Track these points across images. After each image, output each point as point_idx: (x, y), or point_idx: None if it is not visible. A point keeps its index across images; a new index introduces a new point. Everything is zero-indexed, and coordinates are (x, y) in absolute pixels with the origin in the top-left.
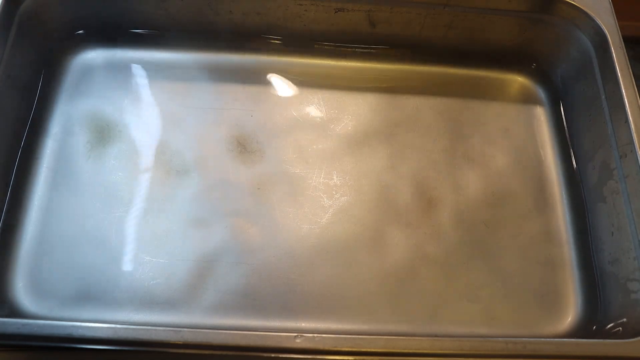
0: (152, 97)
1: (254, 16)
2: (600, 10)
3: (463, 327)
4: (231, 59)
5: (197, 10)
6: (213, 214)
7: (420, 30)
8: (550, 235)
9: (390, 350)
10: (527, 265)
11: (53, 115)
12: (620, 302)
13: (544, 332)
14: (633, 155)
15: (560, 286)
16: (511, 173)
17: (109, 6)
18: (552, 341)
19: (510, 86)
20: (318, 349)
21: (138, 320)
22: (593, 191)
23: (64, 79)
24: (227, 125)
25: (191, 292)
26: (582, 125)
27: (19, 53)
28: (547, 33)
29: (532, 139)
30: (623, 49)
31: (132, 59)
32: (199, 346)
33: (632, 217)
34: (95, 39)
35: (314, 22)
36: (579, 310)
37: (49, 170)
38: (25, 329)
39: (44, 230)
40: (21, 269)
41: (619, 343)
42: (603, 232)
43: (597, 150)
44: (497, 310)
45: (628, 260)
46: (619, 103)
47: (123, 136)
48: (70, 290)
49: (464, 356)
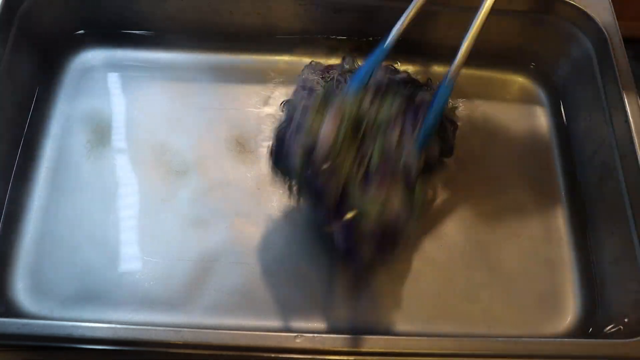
0: (152, 97)
1: (254, 16)
2: (600, 10)
3: (463, 327)
4: (231, 59)
5: (197, 10)
6: (213, 214)
7: (421, 30)
8: (550, 235)
9: (390, 350)
10: (526, 265)
11: (53, 115)
12: (620, 302)
13: (544, 332)
14: (633, 155)
15: (560, 286)
16: (511, 173)
17: (108, 6)
18: (552, 341)
19: (510, 86)
20: (318, 349)
21: (138, 320)
22: (593, 191)
23: (64, 79)
24: (227, 125)
25: (191, 292)
26: (582, 125)
27: (19, 53)
28: (547, 33)
29: (532, 139)
30: (623, 49)
31: (132, 59)
32: (199, 346)
33: (632, 217)
34: (95, 39)
35: (314, 22)
36: (579, 310)
37: (49, 170)
38: (25, 329)
39: (44, 230)
40: (21, 269)
41: (619, 343)
42: (603, 232)
43: (597, 150)
44: (497, 310)
45: (628, 260)
46: (619, 103)
47: (123, 136)
48: (70, 290)
49: (464, 356)
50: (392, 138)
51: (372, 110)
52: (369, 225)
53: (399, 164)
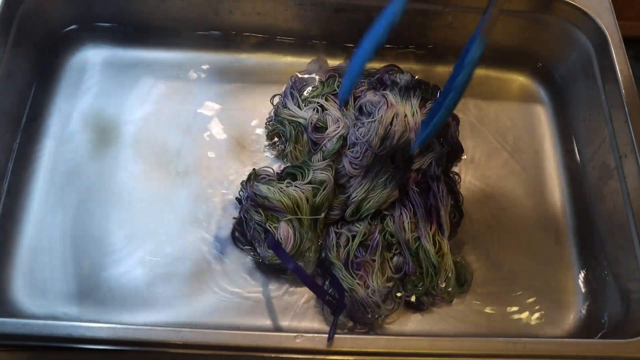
0: (152, 96)
1: (254, 16)
2: (600, 10)
3: (463, 327)
4: (231, 59)
5: (197, 10)
6: (213, 213)
7: (421, 30)
8: (551, 235)
9: (390, 350)
10: (527, 264)
11: (53, 115)
12: (620, 302)
13: (544, 332)
14: (633, 155)
15: (560, 286)
16: (511, 172)
17: (108, 6)
18: (552, 341)
19: (511, 86)
20: (318, 349)
21: (138, 320)
22: (593, 191)
23: (64, 79)
24: (227, 125)
25: (191, 292)
26: (582, 125)
27: (19, 52)
28: (547, 33)
29: (533, 139)
30: (623, 49)
31: (132, 59)
32: (199, 346)
33: (632, 217)
34: (95, 38)
35: (314, 22)
36: (579, 310)
37: (49, 170)
38: (25, 329)
39: (44, 230)
40: (21, 268)
41: (619, 343)
42: (603, 232)
43: (597, 150)
44: (497, 310)
45: (628, 260)
46: (619, 103)
47: (123, 136)
48: (70, 290)
49: (464, 356)
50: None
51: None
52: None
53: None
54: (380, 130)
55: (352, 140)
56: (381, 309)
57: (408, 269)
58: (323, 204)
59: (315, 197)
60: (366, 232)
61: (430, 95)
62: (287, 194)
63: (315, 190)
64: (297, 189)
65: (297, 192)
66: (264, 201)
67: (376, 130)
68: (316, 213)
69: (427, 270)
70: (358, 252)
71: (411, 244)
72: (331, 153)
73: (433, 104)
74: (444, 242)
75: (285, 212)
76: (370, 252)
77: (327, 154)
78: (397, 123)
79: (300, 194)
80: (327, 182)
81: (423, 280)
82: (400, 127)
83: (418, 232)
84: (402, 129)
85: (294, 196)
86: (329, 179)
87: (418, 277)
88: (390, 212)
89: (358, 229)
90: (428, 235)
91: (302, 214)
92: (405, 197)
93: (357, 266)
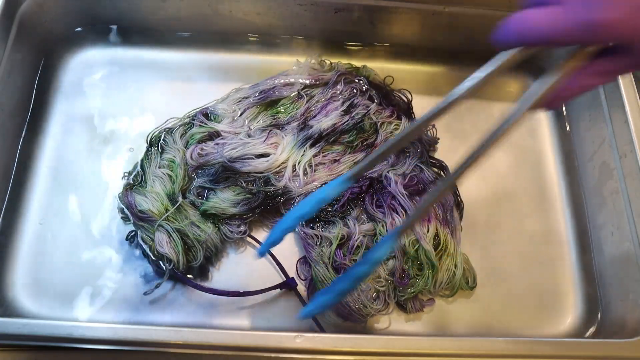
0: (152, 96)
1: (254, 16)
2: None
3: (463, 327)
4: (231, 58)
5: (197, 10)
6: None
7: (421, 30)
8: (550, 235)
9: (390, 350)
10: (527, 265)
11: (53, 115)
12: (620, 302)
13: (544, 332)
14: (633, 155)
15: (560, 286)
16: (511, 173)
17: (108, 6)
18: (552, 341)
19: (510, 86)
20: (318, 349)
21: (138, 320)
22: (593, 191)
23: (64, 79)
24: None
25: (191, 292)
26: (582, 125)
27: (19, 53)
28: None
29: (532, 139)
30: None
31: (132, 59)
32: (199, 346)
33: (632, 217)
34: (95, 38)
35: (314, 22)
36: (579, 310)
37: (49, 169)
38: (25, 329)
39: (44, 230)
40: (21, 268)
41: (619, 343)
42: (603, 232)
43: (597, 150)
44: (497, 310)
45: (628, 260)
46: (619, 103)
47: (123, 136)
48: (71, 290)
49: (464, 356)
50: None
51: None
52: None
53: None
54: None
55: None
56: (368, 308)
57: (403, 275)
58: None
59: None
60: (344, 235)
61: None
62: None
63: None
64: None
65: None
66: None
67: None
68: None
69: (425, 271)
70: (337, 256)
71: (409, 248)
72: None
73: (321, 291)
74: (450, 239)
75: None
76: (350, 254)
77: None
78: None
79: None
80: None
81: (417, 283)
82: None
83: (415, 235)
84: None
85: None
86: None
87: (413, 279)
88: (382, 219)
89: (333, 233)
90: (425, 236)
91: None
92: (395, 202)
93: (336, 270)
